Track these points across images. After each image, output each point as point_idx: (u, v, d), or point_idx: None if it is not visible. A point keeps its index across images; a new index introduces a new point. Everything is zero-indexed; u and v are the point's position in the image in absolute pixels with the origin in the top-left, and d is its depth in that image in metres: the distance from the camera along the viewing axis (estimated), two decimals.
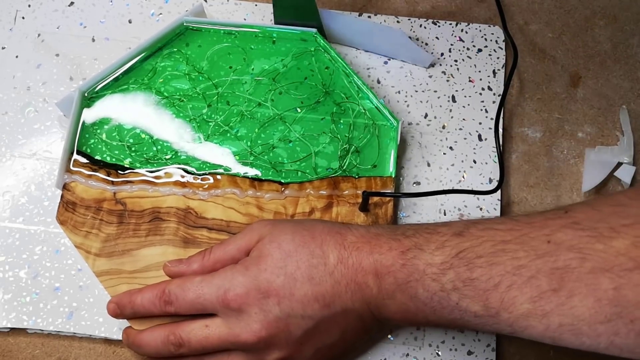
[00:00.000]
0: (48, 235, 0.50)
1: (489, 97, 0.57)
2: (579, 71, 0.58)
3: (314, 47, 0.55)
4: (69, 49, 0.56)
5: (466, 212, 0.53)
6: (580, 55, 0.59)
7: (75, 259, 0.50)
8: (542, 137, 0.56)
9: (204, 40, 0.55)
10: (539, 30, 0.60)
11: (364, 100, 0.54)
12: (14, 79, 0.55)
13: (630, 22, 0.60)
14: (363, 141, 0.53)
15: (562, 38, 0.60)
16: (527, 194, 0.55)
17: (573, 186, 0.55)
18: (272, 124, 0.53)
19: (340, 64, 0.54)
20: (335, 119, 0.53)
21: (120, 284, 0.47)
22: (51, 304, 0.48)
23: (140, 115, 0.52)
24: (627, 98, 0.58)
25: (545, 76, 0.58)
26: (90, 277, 0.49)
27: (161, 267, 0.47)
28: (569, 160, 0.56)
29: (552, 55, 0.59)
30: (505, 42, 0.58)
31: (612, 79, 0.58)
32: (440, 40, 0.58)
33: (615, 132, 0.57)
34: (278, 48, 0.55)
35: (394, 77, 0.57)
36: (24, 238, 0.50)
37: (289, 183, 0.51)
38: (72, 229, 0.49)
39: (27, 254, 0.50)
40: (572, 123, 0.57)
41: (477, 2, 0.60)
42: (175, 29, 0.54)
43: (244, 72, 0.54)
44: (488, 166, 0.55)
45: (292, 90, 0.54)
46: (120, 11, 0.57)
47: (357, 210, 0.50)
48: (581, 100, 0.58)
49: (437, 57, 0.57)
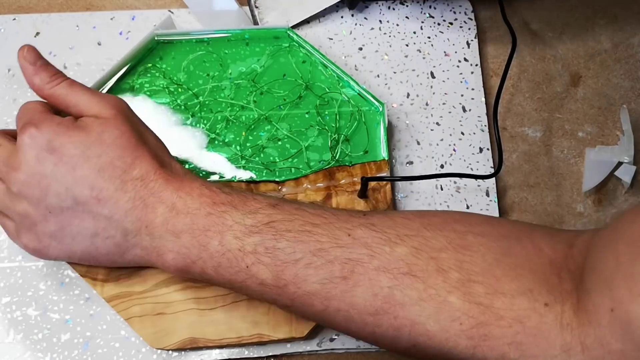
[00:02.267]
0: (50, 269, 0.49)
1: (466, 68, 0.57)
2: (580, 70, 0.59)
3: (288, 44, 0.55)
4: None
5: (462, 185, 0.53)
6: (580, 55, 0.59)
7: (81, 289, 0.49)
8: (542, 136, 0.57)
9: (177, 51, 0.54)
10: (539, 30, 0.60)
11: (346, 89, 0.54)
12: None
13: (630, 21, 0.60)
14: (351, 129, 0.53)
15: (563, 37, 0.60)
16: (527, 193, 0.55)
17: (573, 186, 0.55)
18: (259, 125, 0.53)
19: (316, 57, 0.54)
20: (320, 111, 0.53)
21: (133, 306, 0.47)
22: (65, 337, 0.48)
23: None
24: (627, 97, 0.58)
25: (546, 75, 0.58)
26: (100, 304, 0.48)
27: (171, 282, 0.47)
28: (569, 159, 0.56)
29: (552, 55, 0.59)
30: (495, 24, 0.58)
31: (613, 79, 0.58)
32: (411, 19, 0.59)
33: (615, 132, 0.57)
34: (252, 49, 0.55)
35: (370, 61, 0.57)
36: (27, 275, 0.49)
37: (285, 181, 0.51)
38: None
39: (32, 290, 0.49)
40: (572, 122, 0.57)
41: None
42: (147, 45, 0.54)
43: (223, 78, 0.54)
44: (476, 136, 0.55)
45: (273, 88, 0.54)
46: (88, 35, 0.57)
47: (356, 197, 0.50)
48: (581, 99, 0.58)
49: (410, 36, 0.58)
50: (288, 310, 0.42)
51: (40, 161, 0.40)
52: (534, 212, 0.54)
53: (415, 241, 0.38)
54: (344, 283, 0.38)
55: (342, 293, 0.38)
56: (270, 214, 0.40)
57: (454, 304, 0.36)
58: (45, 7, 0.58)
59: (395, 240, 0.38)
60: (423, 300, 0.37)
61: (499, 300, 0.36)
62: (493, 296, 0.36)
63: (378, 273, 0.38)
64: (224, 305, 0.47)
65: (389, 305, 0.37)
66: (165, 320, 0.46)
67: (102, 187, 0.40)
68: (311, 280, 0.38)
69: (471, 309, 0.36)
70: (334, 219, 0.40)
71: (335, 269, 0.38)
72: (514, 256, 0.37)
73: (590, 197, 0.55)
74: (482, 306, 0.36)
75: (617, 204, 0.55)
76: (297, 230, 0.39)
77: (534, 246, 0.38)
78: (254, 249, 0.39)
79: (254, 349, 0.48)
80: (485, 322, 0.36)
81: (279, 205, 0.41)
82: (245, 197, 0.41)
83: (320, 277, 0.38)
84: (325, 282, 0.38)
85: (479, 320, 0.36)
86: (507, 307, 0.36)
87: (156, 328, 0.46)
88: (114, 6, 0.59)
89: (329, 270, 0.38)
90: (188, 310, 0.47)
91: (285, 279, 0.39)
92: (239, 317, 0.47)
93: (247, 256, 0.39)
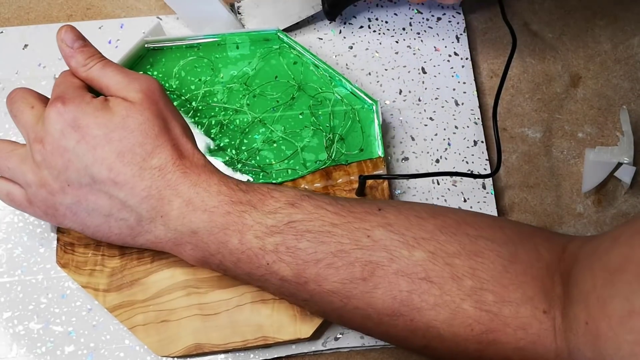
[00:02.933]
0: (50, 281, 0.49)
1: (457, 62, 0.57)
2: (579, 71, 0.59)
3: (279, 45, 0.55)
4: None
5: (458, 178, 0.54)
6: (580, 56, 0.59)
7: (83, 300, 0.49)
8: (542, 137, 0.57)
9: (168, 58, 0.54)
10: (539, 31, 0.60)
11: (338, 88, 0.54)
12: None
13: (630, 22, 0.60)
14: (345, 128, 0.53)
15: (563, 38, 0.60)
16: (527, 194, 0.55)
17: (573, 186, 0.55)
18: (253, 128, 0.53)
19: (307, 57, 0.54)
20: (314, 111, 0.53)
21: (136, 315, 0.46)
22: (68, 350, 0.47)
23: None
24: (627, 98, 0.58)
25: (546, 76, 0.59)
26: (102, 315, 0.48)
27: (174, 289, 0.47)
28: (569, 160, 0.56)
29: (552, 56, 0.59)
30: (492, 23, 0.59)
31: (612, 79, 0.59)
32: (399, 15, 0.59)
33: (615, 133, 0.57)
34: (243, 52, 0.55)
35: (361, 59, 0.57)
36: (27, 289, 0.49)
37: (282, 182, 0.51)
38: (75, 270, 0.48)
39: (33, 304, 0.49)
40: (572, 123, 0.57)
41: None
42: (137, 52, 0.54)
43: (215, 82, 0.54)
44: (470, 129, 0.55)
45: (266, 91, 0.54)
46: None
47: (354, 196, 0.50)
48: (581, 100, 0.58)
49: (400, 33, 0.58)
50: (304, 305, 0.43)
51: (65, 136, 0.41)
52: (534, 212, 0.54)
53: (431, 245, 0.39)
54: (364, 284, 0.39)
55: (362, 293, 0.39)
56: (290, 214, 0.40)
57: (467, 312, 0.38)
58: (45, 7, 0.58)
59: (413, 244, 0.39)
60: (439, 305, 0.38)
61: (506, 308, 0.38)
62: (501, 304, 0.38)
63: (397, 277, 0.39)
64: (228, 310, 0.47)
65: (406, 308, 0.39)
66: (169, 328, 0.46)
67: (119, 170, 0.41)
68: (332, 279, 0.39)
69: (482, 316, 0.38)
70: (351, 217, 0.41)
71: (356, 270, 0.39)
72: (519, 263, 0.39)
73: (589, 198, 0.55)
74: (491, 314, 0.38)
75: (617, 205, 0.55)
76: (317, 231, 0.40)
77: (535, 250, 0.40)
78: (275, 248, 0.40)
79: (260, 352, 0.48)
80: (494, 329, 0.38)
81: (297, 204, 0.41)
82: (263, 194, 0.41)
83: (341, 277, 0.39)
84: (345, 282, 0.39)
85: (488, 327, 0.38)
86: (513, 315, 0.38)
87: (161, 336, 0.46)
88: (114, 6, 0.59)
89: (350, 272, 0.39)
90: (192, 316, 0.46)
91: (306, 277, 0.40)
92: (243, 320, 0.47)
93: (267, 254, 0.40)
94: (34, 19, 0.58)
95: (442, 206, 0.44)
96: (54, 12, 0.58)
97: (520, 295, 0.38)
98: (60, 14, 0.58)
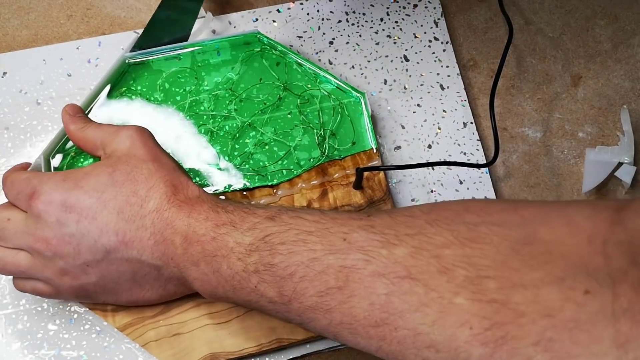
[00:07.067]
0: (56, 307, 0.49)
1: (438, 47, 0.58)
2: (580, 71, 0.59)
3: (260, 47, 0.55)
4: (17, 120, 0.54)
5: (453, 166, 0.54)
6: (580, 55, 0.59)
7: (91, 322, 0.48)
8: (542, 137, 0.57)
9: (150, 71, 0.54)
10: (539, 30, 0.60)
11: (324, 84, 0.54)
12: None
13: (631, 21, 0.60)
14: (335, 123, 0.53)
15: (563, 38, 0.60)
16: (527, 194, 0.55)
17: (573, 186, 0.56)
18: (244, 133, 0.52)
19: (290, 57, 0.54)
20: (302, 109, 0.53)
21: (147, 331, 0.46)
22: None
23: None
24: (627, 98, 0.58)
25: (546, 76, 0.59)
26: (112, 335, 0.48)
27: (182, 301, 0.46)
28: (569, 160, 0.56)
29: (552, 55, 0.59)
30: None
31: (613, 79, 0.59)
32: (376, 6, 0.59)
33: (615, 132, 0.57)
34: (224, 58, 0.55)
35: (343, 54, 0.57)
36: (33, 318, 0.48)
37: (279, 183, 0.51)
38: None
39: (42, 332, 0.48)
40: (572, 123, 0.57)
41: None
42: (119, 69, 0.53)
43: (200, 91, 0.54)
44: (458, 111, 0.56)
45: (252, 94, 0.54)
46: (56, 67, 0.56)
47: (352, 189, 0.50)
48: (582, 100, 0.58)
49: (378, 23, 0.58)
50: (302, 327, 0.39)
51: (63, 223, 0.41)
52: None
53: (415, 240, 0.34)
54: (340, 293, 0.35)
55: (341, 304, 0.35)
56: (266, 227, 0.38)
57: (461, 306, 0.32)
58: (45, 7, 0.58)
59: (394, 242, 0.35)
60: (424, 305, 0.32)
61: (517, 294, 0.31)
62: (510, 290, 0.31)
63: (374, 280, 0.34)
64: (239, 316, 0.47)
65: (387, 314, 0.33)
66: (182, 340, 0.46)
67: (125, 229, 0.41)
68: (309, 293, 0.36)
69: (482, 308, 0.31)
70: (331, 223, 0.37)
71: (329, 279, 0.35)
72: (537, 243, 0.32)
73: (590, 198, 0.55)
74: (495, 303, 0.31)
75: None
76: (290, 242, 0.37)
77: (566, 225, 0.32)
78: (255, 268, 0.38)
79: (275, 355, 0.48)
80: (501, 321, 0.30)
81: (276, 217, 0.39)
82: (246, 212, 0.40)
83: (317, 289, 0.36)
84: (322, 295, 0.35)
85: (493, 321, 0.31)
86: (528, 300, 0.30)
87: (175, 349, 0.46)
88: (114, 6, 0.58)
89: (324, 281, 0.35)
90: (204, 326, 0.46)
91: (287, 295, 0.37)
92: (255, 325, 0.46)
93: (251, 276, 0.38)
94: (34, 19, 0.58)
95: (449, 201, 0.39)
96: (54, 12, 0.58)
97: (539, 277, 0.31)
98: (60, 14, 0.58)
